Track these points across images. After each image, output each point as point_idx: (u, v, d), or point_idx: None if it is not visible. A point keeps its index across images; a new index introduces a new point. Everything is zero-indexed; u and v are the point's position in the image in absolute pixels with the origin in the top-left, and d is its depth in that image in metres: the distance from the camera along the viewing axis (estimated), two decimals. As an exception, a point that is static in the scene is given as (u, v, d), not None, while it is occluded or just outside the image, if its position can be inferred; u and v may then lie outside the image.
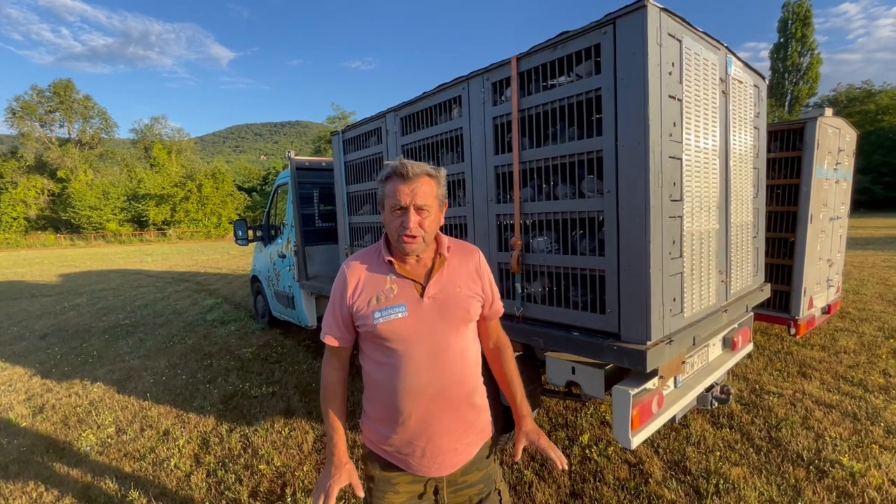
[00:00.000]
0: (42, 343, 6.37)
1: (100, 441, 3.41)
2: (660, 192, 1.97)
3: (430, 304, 1.28)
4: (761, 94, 3.02)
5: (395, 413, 1.27)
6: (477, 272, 1.39)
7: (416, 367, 1.25)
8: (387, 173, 1.25)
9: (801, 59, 39.12)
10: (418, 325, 1.26)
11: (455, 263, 1.35)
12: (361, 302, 1.27)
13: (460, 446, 1.33)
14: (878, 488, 2.49)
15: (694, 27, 2.19)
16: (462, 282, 1.34)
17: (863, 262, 10.02)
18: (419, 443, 1.29)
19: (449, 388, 1.28)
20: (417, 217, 1.22)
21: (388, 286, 1.28)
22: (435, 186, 1.26)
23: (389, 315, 1.24)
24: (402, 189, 1.21)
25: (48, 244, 38.34)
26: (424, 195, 1.22)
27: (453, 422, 1.31)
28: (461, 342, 1.32)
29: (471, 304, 1.33)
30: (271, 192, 6.00)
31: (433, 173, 1.25)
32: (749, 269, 2.98)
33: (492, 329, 1.49)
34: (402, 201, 1.21)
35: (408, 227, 1.21)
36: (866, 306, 6.27)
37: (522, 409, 1.44)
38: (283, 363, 4.96)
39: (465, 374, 1.32)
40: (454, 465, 1.33)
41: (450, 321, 1.29)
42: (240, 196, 49.61)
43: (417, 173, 1.21)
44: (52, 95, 46.17)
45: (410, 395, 1.25)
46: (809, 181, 3.94)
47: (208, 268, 15.63)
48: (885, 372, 4.03)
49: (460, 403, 1.32)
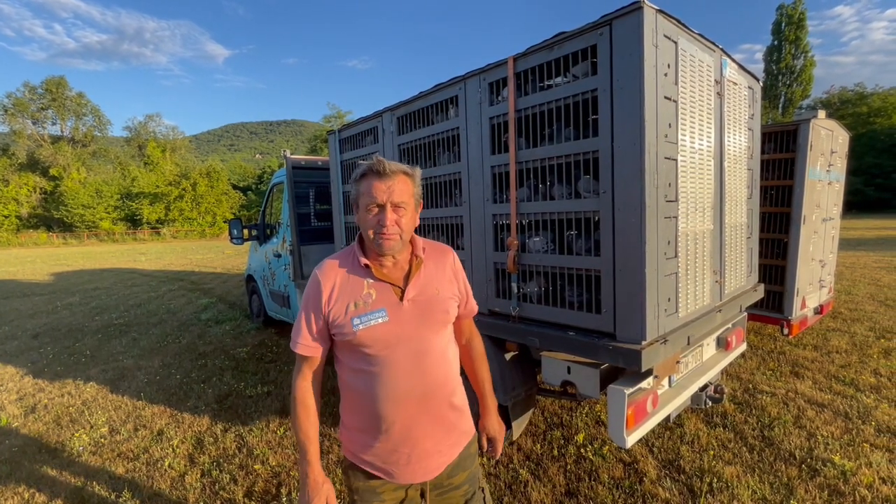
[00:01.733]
0: (34, 342, 6.31)
1: (93, 441, 3.38)
2: (655, 192, 1.98)
3: (410, 307, 1.25)
4: (755, 96, 3.05)
5: (378, 421, 1.24)
6: (453, 272, 1.39)
7: (398, 372, 1.22)
8: (362, 171, 1.22)
9: (794, 61, 39.43)
10: (399, 330, 1.23)
11: (431, 265, 1.33)
12: (338, 309, 1.23)
13: (444, 448, 1.32)
14: (868, 486, 2.51)
15: (689, 29, 2.20)
16: (439, 283, 1.32)
17: (855, 262, 10.12)
18: (404, 449, 1.26)
19: (432, 392, 1.27)
20: (394, 215, 1.20)
21: (366, 291, 1.24)
22: (411, 185, 1.24)
23: (369, 321, 1.20)
24: (378, 186, 1.19)
25: (40, 243, 37.97)
26: (401, 192, 1.20)
27: (437, 424, 1.30)
28: (441, 344, 1.31)
29: (449, 304, 1.33)
30: (267, 191, 5.97)
31: (409, 171, 1.24)
32: (743, 270, 3.00)
33: (465, 327, 1.50)
34: (378, 198, 1.19)
35: (385, 225, 1.19)
36: (858, 306, 6.33)
37: (489, 404, 1.55)
38: (278, 363, 4.94)
39: (447, 376, 1.32)
40: (439, 468, 1.32)
41: (430, 324, 1.27)
42: (235, 195, 49.38)
43: (394, 171, 1.20)
44: (44, 92, 45.78)
45: (394, 402, 1.22)
46: (802, 182, 3.97)
47: (203, 267, 15.54)
48: (876, 371, 4.07)
49: (443, 405, 1.30)
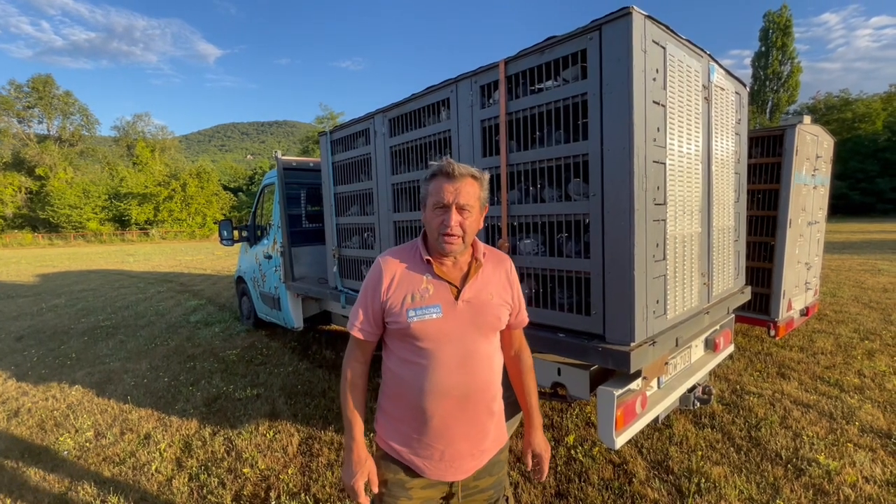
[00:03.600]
0: (18, 345, 6.18)
1: (78, 445, 3.32)
2: (644, 195, 2.00)
3: (464, 307, 1.27)
4: (742, 101, 3.09)
5: (419, 412, 1.26)
6: (508, 280, 1.40)
7: (444, 368, 1.25)
8: (432, 172, 1.26)
9: (781, 67, 40.16)
10: (450, 328, 1.25)
11: (489, 270, 1.35)
12: (395, 298, 1.26)
13: (477, 451, 1.33)
14: (852, 485, 2.56)
15: (678, 35, 2.23)
16: (494, 289, 1.34)
17: (839, 265, 10.29)
18: (439, 445, 1.28)
19: (474, 393, 1.29)
20: (458, 217, 1.23)
21: (424, 285, 1.27)
22: (478, 188, 1.26)
23: (424, 315, 1.24)
24: (446, 187, 1.22)
25: (25, 243, 37.24)
26: (467, 195, 1.23)
27: (473, 427, 1.31)
28: (489, 349, 1.33)
29: (501, 311, 1.34)
30: (258, 193, 5.93)
31: (477, 175, 1.26)
32: (730, 272, 3.04)
33: (515, 338, 1.49)
34: (445, 199, 1.22)
35: (448, 226, 1.22)
36: (843, 308, 6.44)
37: (535, 420, 1.49)
38: (269, 365, 4.90)
39: (490, 380, 1.33)
40: (470, 470, 1.33)
41: (480, 327, 1.29)
42: (225, 196, 48.92)
43: (462, 173, 1.23)
44: (30, 91, 45.09)
45: (435, 396, 1.24)
46: (789, 186, 4.04)
47: (192, 268, 15.36)
48: (860, 372, 4.14)
49: (482, 409, 1.32)
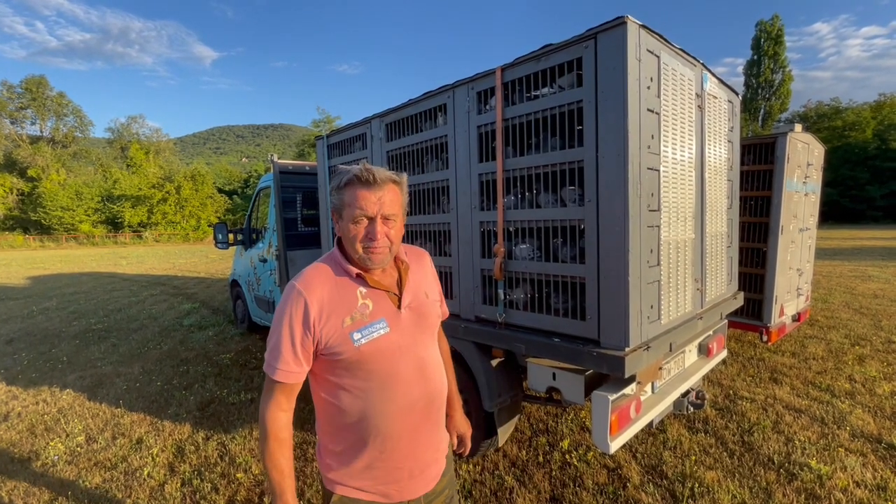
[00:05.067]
0: (8, 348, 6.11)
1: (69, 450, 3.29)
2: (638, 202, 2.03)
3: (408, 314, 1.19)
4: (735, 110, 3.14)
5: (383, 439, 1.15)
6: (432, 275, 1.36)
7: (404, 384, 1.15)
8: (346, 179, 1.11)
9: (773, 75, 40.69)
10: (401, 340, 1.16)
11: (415, 268, 1.29)
12: (331, 328, 1.11)
13: (439, 455, 1.29)
14: (843, 490, 2.58)
15: (671, 44, 2.27)
16: (426, 287, 1.29)
17: (831, 272, 10.41)
18: (407, 464, 1.19)
19: (435, 399, 1.23)
20: (385, 228, 1.13)
21: (361, 302, 1.14)
22: (400, 193, 1.16)
23: (371, 333, 1.12)
24: (367, 196, 1.10)
25: (16, 245, 36.81)
26: (391, 203, 1.13)
27: (437, 432, 1.27)
28: (436, 348, 1.29)
29: (437, 308, 1.31)
30: (253, 196, 5.92)
31: (397, 179, 1.15)
32: (723, 278, 3.07)
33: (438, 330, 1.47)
34: (368, 210, 1.10)
35: (375, 239, 1.11)
36: (834, 314, 6.52)
37: (456, 403, 1.55)
38: (262, 369, 4.87)
39: (444, 381, 1.29)
40: (436, 477, 1.27)
41: (425, 329, 1.23)
42: (220, 199, 48.63)
43: (383, 179, 1.11)
44: (23, 91, 44.74)
45: (401, 416, 1.15)
46: (780, 193, 4.09)
47: (186, 271, 15.26)
48: (851, 377, 4.19)
49: (440, 412, 1.27)
